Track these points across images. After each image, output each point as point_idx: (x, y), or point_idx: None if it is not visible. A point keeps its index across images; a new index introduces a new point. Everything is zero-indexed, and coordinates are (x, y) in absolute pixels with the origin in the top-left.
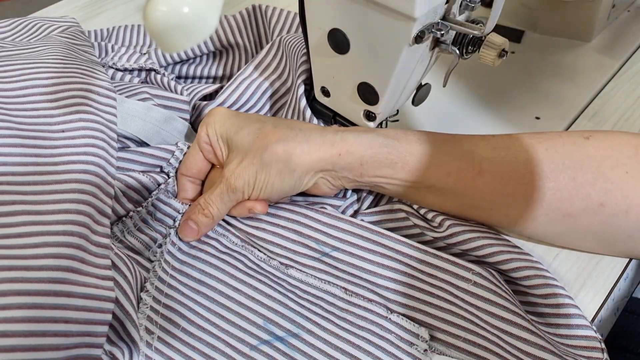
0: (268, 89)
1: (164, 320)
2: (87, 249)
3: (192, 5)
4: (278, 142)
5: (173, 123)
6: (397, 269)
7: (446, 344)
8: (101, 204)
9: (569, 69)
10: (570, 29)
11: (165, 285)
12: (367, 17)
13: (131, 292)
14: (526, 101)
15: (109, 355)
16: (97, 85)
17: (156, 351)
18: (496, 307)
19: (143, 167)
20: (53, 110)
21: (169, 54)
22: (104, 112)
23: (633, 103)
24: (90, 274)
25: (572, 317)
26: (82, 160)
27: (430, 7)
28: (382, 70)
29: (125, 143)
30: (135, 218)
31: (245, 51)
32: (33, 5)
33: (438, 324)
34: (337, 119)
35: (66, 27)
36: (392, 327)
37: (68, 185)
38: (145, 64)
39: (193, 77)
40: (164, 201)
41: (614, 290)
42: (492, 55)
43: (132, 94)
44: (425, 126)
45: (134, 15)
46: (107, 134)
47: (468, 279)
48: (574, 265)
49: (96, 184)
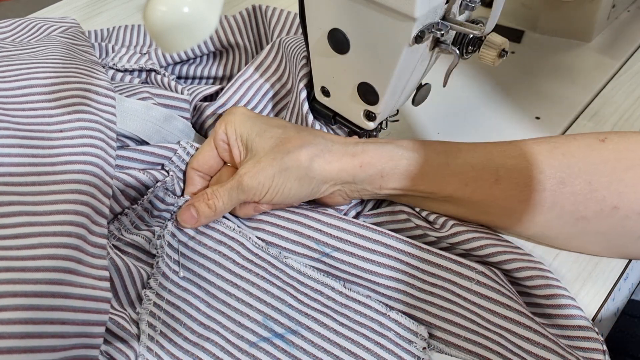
0: (269, 90)
1: (166, 316)
2: (84, 249)
3: (192, 5)
4: (301, 148)
5: (173, 122)
6: (398, 268)
7: (446, 342)
8: (99, 204)
9: (569, 69)
10: (570, 29)
11: (169, 282)
12: (367, 17)
13: (123, 290)
14: (526, 101)
15: (106, 356)
16: (97, 85)
17: (158, 346)
18: (499, 306)
19: (143, 165)
20: (52, 110)
21: (169, 54)
22: (103, 111)
23: (633, 103)
24: (87, 274)
25: (574, 319)
26: (80, 161)
27: (430, 7)
28: (382, 70)
29: (125, 142)
30: (132, 215)
31: (246, 51)
32: (33, 5)
33: (438, 322)
34: (337, 119)
35: (66, 28)
36: (391, 324)
37: (66, 186)
38: (145, 65)
39: (193, 78)
40: (161, 198)
41: (614, 291)
42: (492, 55)
43: (132, 94)
44: (425, 126)
45: (134, 15)
46: (106, 134)
47: (471, 277)
48: (574, 265)
49: (94, 184)
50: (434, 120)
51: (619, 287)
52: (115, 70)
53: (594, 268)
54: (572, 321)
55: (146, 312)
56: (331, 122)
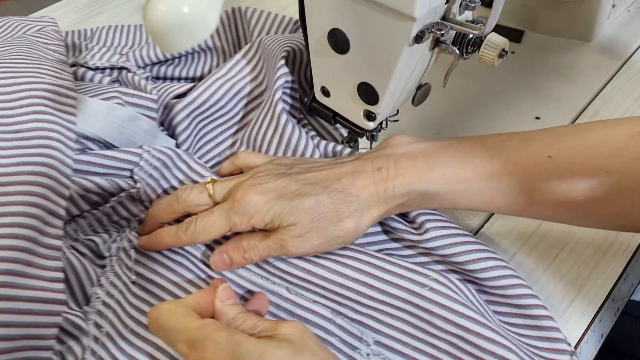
0: (241, 90)
1: (114, 316)
2: (35, 251)
3: (192, 5)
4: (348, 219)
5: (138, 122)
6: (349, 275)
7: (392, 349)
8: (53, 206)
9: (569, 69)
10: (570, 29)
11: (120, 282)
12: (367, 17)
13: (79, 289)
14: (526, 101)
15: (60, 356)
16: (58, 85)
17: (103, 348)
18: (450, 313)
19: (106, 170)
20: (10, 111)
21: (146, 55)
22: (62, 112)
23: (633, 103)
24: (37, 276)
25: (543, 319)
26: (33, 162)
27: (430, 7)
28: (382, 70)
29: (86, 144)
30: (90, 219)
31: (224, 53)
32: (33, 5)
33: (386, 329)
34: (337, 119)
35: (41, 27)
36: (335, 330)
37: (15, 188)
38: (117, 63)
39: (171, 78)
40: (127, 206)
41: (614, 291)
42: (492, 55)
43: (98, 94)
44: (425, 126)
45: (134, 15)
46: (64, 134)
47: (423, 284)
48: (574, 265)
49: (47, 186)
50: (434, 120)
51: (619, 287)
52: (86, 69)
53: (594, 268)
54: (540, 322)
55: (94, 310)
56: (331, 122)
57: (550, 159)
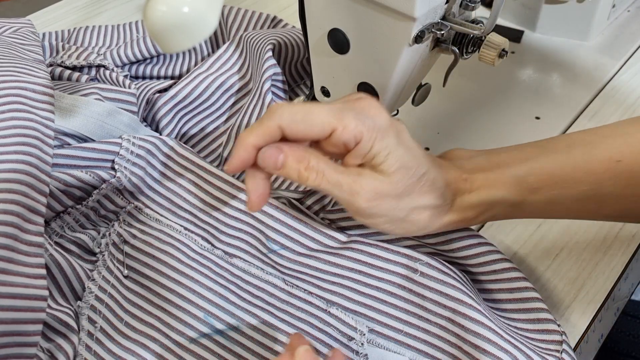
0: (224, 83)
1: (108, 311)
2: (16, 248)
3: (192, 5)
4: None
5: (118, 116)
6: (343, 265)
7: (386, 337)
8: (33, 203)
9: (569, 69)
10: (570, 29)
11: (112, 277)
12: (367, 17)
13: (67, 285)
14: (526, 101)
15: (47, 353)
16: (34, 83)
17: (98, 343)
18: (441, 296)
19: (87, 162)
20: None
21: (124, 54)
22: (39, 109)
23: (633, 103)
24: (19, 273)
25: (534, 304)
26: (12, 160)
27: (430, 7)
28: (382, 70)
29: (65, 140)
30: (75, 214)
31: (202, 52)
32: (33, 5)
33: (380, 317)
34: None
35: (17, 28)
36: (331, 320)
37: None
38: (94, 61)
39: (150, 77)
40: (111, 199)
41: (614, 291)
42: (492, 55)
43: (76, 91)
44: (425, 126)
45: (134, 15)
46: (41, 132)
47: (415, 269)
48: (574, 265)
49: (27, 183)
50: (434, 120)
51: (619, 287)
52: (63, 68)
53: (594, 268)
54: (531, 309)
55: (87, 305)
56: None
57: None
